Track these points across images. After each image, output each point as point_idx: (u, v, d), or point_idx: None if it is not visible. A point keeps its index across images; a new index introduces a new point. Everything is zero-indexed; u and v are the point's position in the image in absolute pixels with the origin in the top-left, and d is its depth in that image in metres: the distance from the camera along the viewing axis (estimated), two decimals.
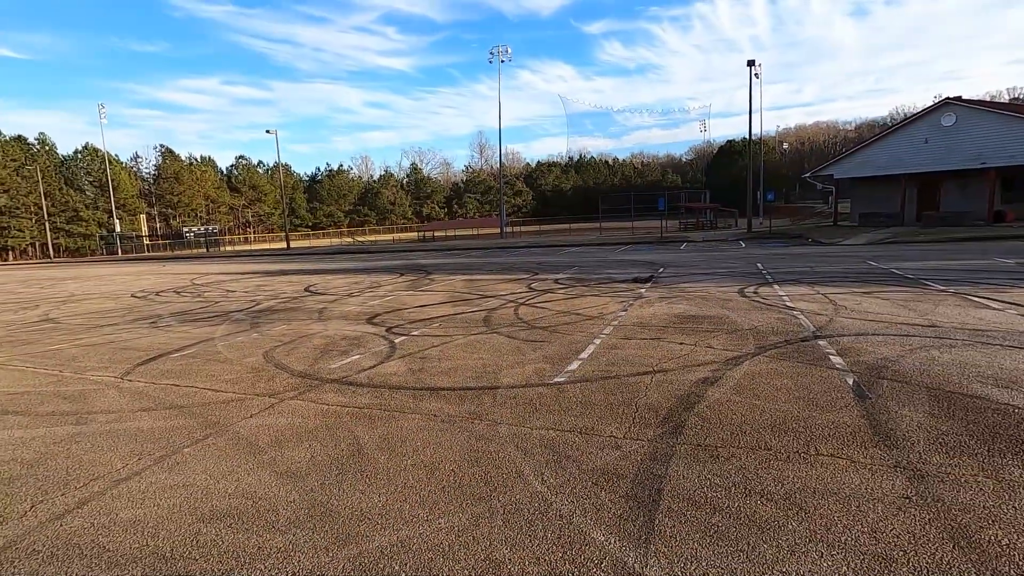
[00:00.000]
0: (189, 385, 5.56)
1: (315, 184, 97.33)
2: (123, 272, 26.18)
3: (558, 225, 60.55)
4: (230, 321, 9.46)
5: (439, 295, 11.61)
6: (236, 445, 3.96)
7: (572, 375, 5.24)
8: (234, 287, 15.71)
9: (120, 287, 17.55)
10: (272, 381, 5.57)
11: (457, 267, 18.87)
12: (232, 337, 7.99)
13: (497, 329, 7.60)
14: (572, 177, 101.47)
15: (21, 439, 4.28)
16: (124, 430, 4.37)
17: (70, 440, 4.21)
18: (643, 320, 7.70)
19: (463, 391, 4.92)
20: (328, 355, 6.58)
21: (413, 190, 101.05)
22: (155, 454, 3.86)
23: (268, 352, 6.88)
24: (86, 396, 5.38)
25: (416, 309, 9.85)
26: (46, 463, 3.80)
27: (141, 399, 5.17)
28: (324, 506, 3.03)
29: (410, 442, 3.85)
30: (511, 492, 3.07)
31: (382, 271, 18.86)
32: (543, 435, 3.84)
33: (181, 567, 2.54)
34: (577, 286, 11.93)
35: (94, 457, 3.86)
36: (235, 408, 4.78)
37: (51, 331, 9.43)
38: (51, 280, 22.86)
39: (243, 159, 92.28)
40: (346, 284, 14.89)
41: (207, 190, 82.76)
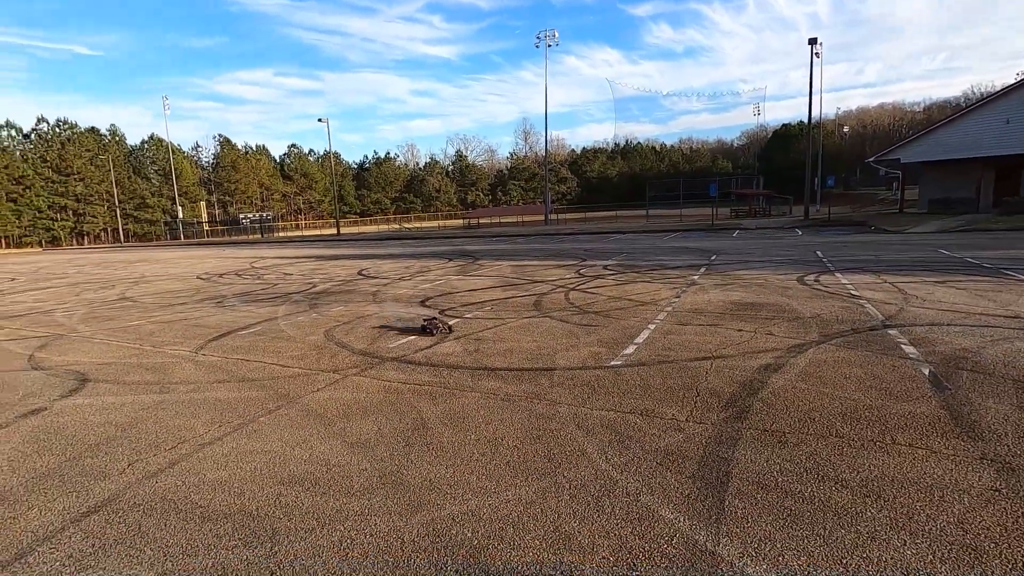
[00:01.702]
0: (258, 360, 5.84)
1: (363, 172, 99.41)
2: (187, 256, 27.58)
3: (604, 212, 59.76)
4: (290, 302, 9.85)
5: (488, 280, 11.72)
6: (307, 416, 4.15)
7: (628, 359, 5.21)
8: (291, 270, 16.31)
9: (186, 270, 18.51)
10: (335, 358, 5.79)
11: (504, 253, 18.96)
12: (293, 317, 8.32)
13: (549, 313, 7.62)
14: (618, 163, 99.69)
15: (113, 404, 4.62)
16: (203, 399, 4.65)
17: (156, 407, 4.51)
18: (698, 307, 7.55)
19: (520, 372, 4.98)
20: (384, 336, 6.77)
21: (458, 177, 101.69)
22: (233, 422, 4.10)
23: (328, 331, 7.13)
24: (166, 368, 5.74)
25: (466, 293, 9.98)
26: (137, 427, 4.09)
27: (216, 372, 5.48)
28: (395, 475, 3.15)
29: (472, 418, 3.94)
30: (575, 469, 3.11)
31: (430, 256, 19.16)
32: (603, 416, 3.85)
33: (268, 525, 2.71)
34: (627, 272, 11.79)
35: (179, 423, 4.13)
36: (303, 382, 5.00)
37: (128, 309, 10.06)
38: (123, 263, 24.34)
39: (295, 148, 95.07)
40: (396, 269, 15.21)
41: (261, 178, 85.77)
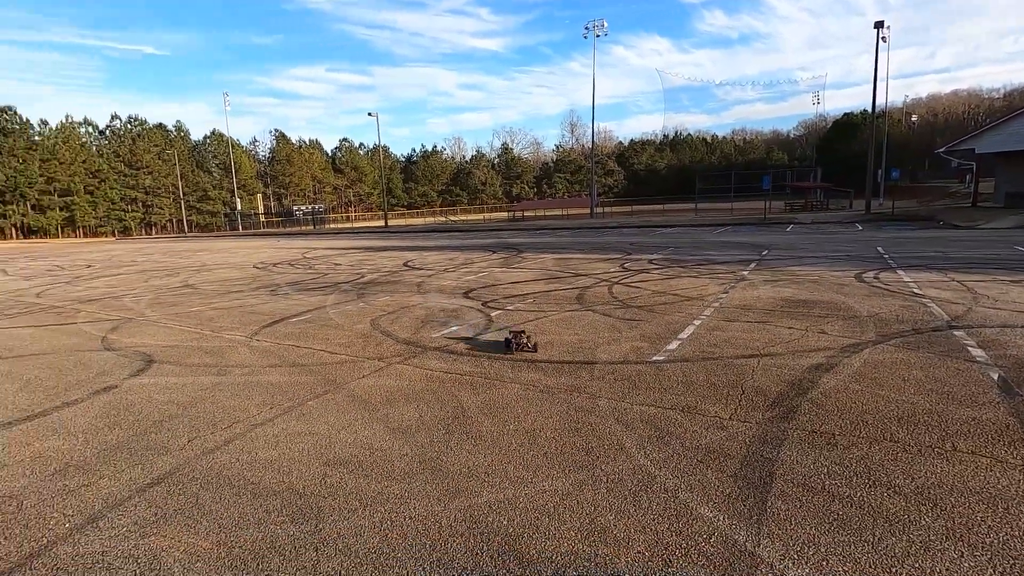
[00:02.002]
0: (308, 347, 6.07)
1: (411, 165, 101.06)
2: (244, 246, 28.84)
3: (651, 206, 58.64)
4: (339, 291, 10.16)
5: (531, 272, 11.73)
6: (352, 402, 4.29)
7: (671, 354, 5.12)
8: (340, 261, 16.82)
9: (243, 259, 19.37)
10: (380, 346, 5.95)
11: (547, 246, 18.92)
12: (342, 306, 8.59)
13: (591, 307, 7.57)
14: (667, 155, 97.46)
15: (175, 385, 4.91)
16: (256, 382, 4.88)
17: (214, 388, 4.77)
18: (747, 303, 7.32)
19: (560, 364, 4.98)
20: (429, 325, 6.89)
21: (503, 170, 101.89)
22: (283, 404, 4.28)
23: (374, 320, 7.33)
24: (223, 352, 6.04)
25: (509, 285, 10.02)
26: (196, 406, 4.33)
27: (268, 357, 5.73)
28: (434, 461, 3.22)
29: (511, 409, 3.97)
30: (613, 463, 3.09)
31: (474, 249, 19.32)
32: (643, 411, 3.81)
33: (313, 503, 2.82)
34: (673, 267, 11.55)
35: (234, 404, 4.35)
36: (349, 369, 5.16)
37: (190, 295, 10.64)
38: (187, 252, 25.69)
39: (346, 141, 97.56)
40: (441, 260, 15.43)
41: (314, 171, 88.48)
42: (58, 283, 13.80)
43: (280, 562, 2.36)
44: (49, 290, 12.42)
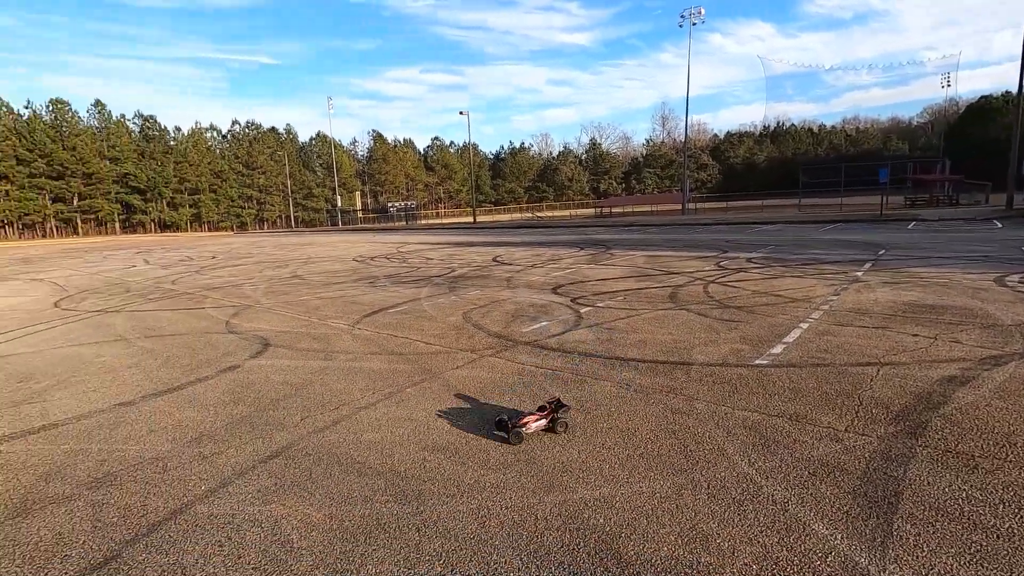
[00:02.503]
0: (405, 336, 6.35)
1: (498, 162, 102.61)
2: (344, 240, 30.70)
3: (748, 201, 55.47)
4: (432, 285, 10.54)
5: (620, 269, 11.50)
6: (448, 390, 4.43)
7: (776, 359, 4.82)
8: (432, 255, 17.43)
9: (343, 253, 20.63)
10: (472, 339, 6.09)
11: (637, 243, 18.46)
12: (435, 299, 8.90)
13: (686, 306, 7.29)
14: (767, 148, 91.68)
15: (289, 367, 5.33)
16: (359, 368, 5.17)
17: (322, 372, 5.12)
18: (862, 306, 6.72)
19: (654, 364, 4.84)
20: (519, 320, 6.97)
21: (591, 166, 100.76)
22: (384, 390, 4.51)
23: (466, 313, 7.52)
24: (328, 338, 6.47)
25: (598, 282, 9.89)
26: (307, 387, 4.67)
27: (369, 344, 6.06)
28: (528, 454, 3.25)
29: (604, 407, 3.92)
30: (714, 468, 2.96)
31: (561, 245, 19.27)
32: (746, 417, 3.61)
33: (414, 486, 2.95)
34: (775, 266, 10.85)
35: (340, 387, 4.65)
36: (443, 359, 5.34)
37: (299, 285, 11.49)
38: (294, 245, 27.78)
39: (438, 140, 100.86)
40: (528, 256, 15.54)
41: (407, 169, 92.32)
42: (189, 272, 15.44)
43: (385, 539, 2.49)
44: (182, 278, 13.93)
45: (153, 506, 2.87)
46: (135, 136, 73.81)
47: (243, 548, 2.47)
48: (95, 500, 2.95)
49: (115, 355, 6.12)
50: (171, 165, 72.42)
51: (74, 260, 22.97)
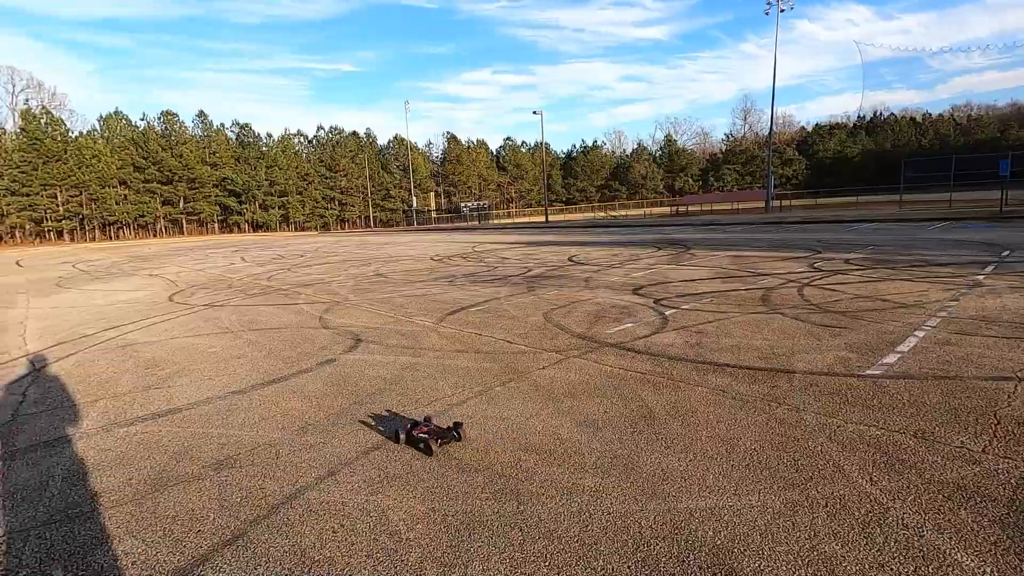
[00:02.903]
0: (489, 335, 6.42)
1: (570, 161, 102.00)
2: (420, 240, 31.65)
3: (839, 198, 51.85)
4: (509, 284, 10.62)
5: (704, 270, 11.08)
6: (536, 391, 4.43)
7: (890, 369, 4.44)
8: (507, 255, 17.59)
9: (421, 252, 21.26)
10: (556, 339, 6.07)
11: (719, 243, 17.72)
12: (514, 298, 8.96)
13: (779, 309, 6.89)
14: (861, 140, 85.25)
15: (381, 362, 5.54)
16: (447, 366, 5.29)
17: (412, 368, 5.28)
18: (987, 314, 6.07)
19: (751, 371, 4.61)
20: (601, 321, 6.87)
21: (665, 163, 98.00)
22: (474, 388, 4.58)
23: (547, 313, 7.51)
24: (415, 335, 6.67)
25: (681, 283, 9.57)
26: (400, 383, 4.84)
27: (455, 342, 6.19)
28: (625, 459, 3.18)
29: (701, 414, 3.77)
30: (831, 486, 2.76)
31: (638, 244, 18.85)
32: (863, 431, 3.35)
33: (512, 485, 2.97)
34: (878, 268, 10.04)
35: (431, 384, 4.77)
36: (529, 359, 5.35)
37: (382, 283, 11.95)
38: (374, 244, 28.97)
39: (510, 140, 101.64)
40: (605, 256, 15.32)
41: (480, 170, 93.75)
42: (281, 270, 16.48)
43: (488, 536, 2.52)
44: (276, 275, 14.89)
45: (270, 489, 3.06)
46: (232, 143, 79.84)
47: (355, 535, 2.58)
48: (219, 481, 3.19)
49: (224, 346, 6.62)
50: (263, 169, 77.71)
51: (182, 258, 25.15)
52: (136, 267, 20.69)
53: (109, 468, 3.44)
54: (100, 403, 4.71)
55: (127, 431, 4.04)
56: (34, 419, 4.41)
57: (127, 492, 3.13)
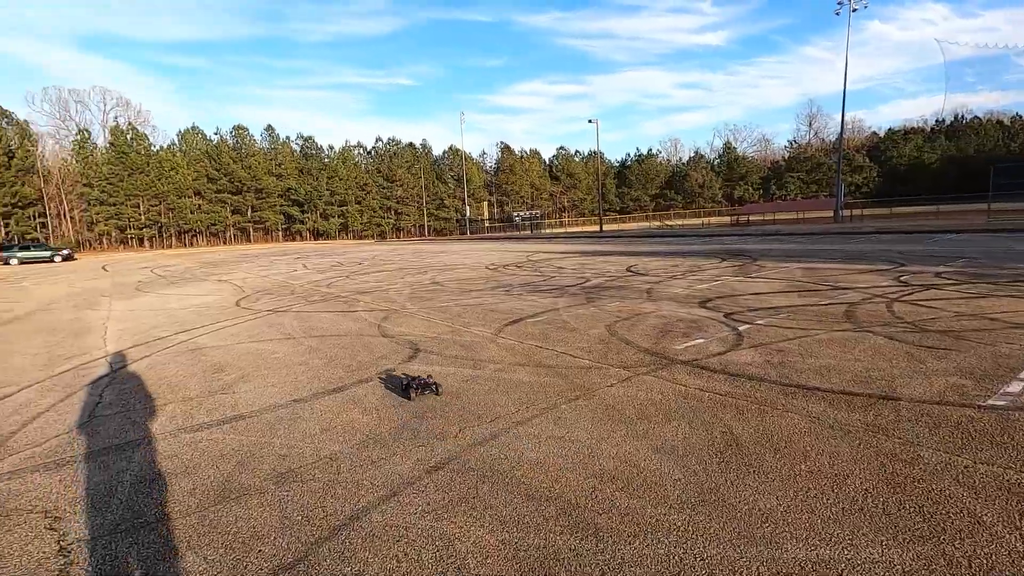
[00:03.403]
0: (550, 348, 6.17)
1: (624, 170, 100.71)
2: (474, 249, 31.82)
3: (916, 207, 48.52)
4: (568, 294, 10.34)
5: (775, 283, 10.42)
6: (605, 411, 4.14)
7: (1016, 400, 3.88)
8: (562, 264, 17.31)
9: (475, 260, 21.29)
10: (621, 354, 5.75)
11: (788, 253, 16.78)
12: (573, 309, 8.67)
13: (869, 327, 6.30)
14: (940, 146, 79.83)
15: (440, 373, 5.39)
16: (509, 379, 5.07)
17: (472, 381, 5.10)
18: None
19: (847, 396, 4.14)
20: (669, 335, 6.49)
21: (724, 171, 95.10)
22: (539, 405, 4.34)
23: (610, 326, 7.19)
24: (474, 346, 6.50)
25: (751, 296, 9.01)
26: (462, 396, 4.66)
27: (515, 354, 5.97)
28: (714, 493, 2.85)
29: (796, 444, 3.38)
30: (970, 540, 2.34)
31: (699, 255, 18.14)
32: (998, 474, 2.88)
33: (589, 518, 2.70)
34: (976, 283, 9.12)
35: (493, 398, 4.56)
36: (595, 375, 5.06)
37: (438, 292, 11.93)
38: (429, 253, 29.34)
39: (563, 150, 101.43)
40: (664, 266, 14.77)
41: (532, 179, 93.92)
42: (340, 277, 16.84)
43: None
44: (335, 282, 15.20)
45: (332, 508, 2.92)
46: (296, 155, 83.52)
47: (421, 567, 2.39)
48: (281, 496, 3.09)
49: (287, 352, 6.67)
50: (324, 180, 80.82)
51: (248, 264, 26.28)
52: (207, 273, 21.74)
53: (175, 476, 3.41)
54: (169, 407, 4.78)
55: (193, 437, 4.04)
56: (108, 421, 4.50)
57: (191, 503, 3.07)
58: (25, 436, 4.26)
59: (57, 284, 20.22)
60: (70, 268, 32.94)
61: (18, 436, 4.27)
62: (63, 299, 14.65)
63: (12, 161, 63.05)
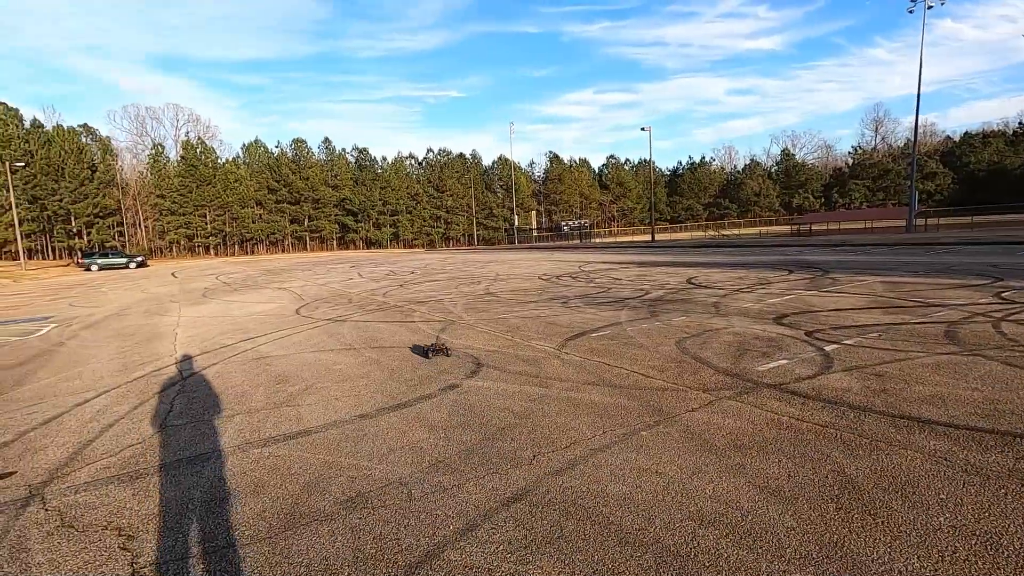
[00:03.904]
0: (619, 366, 5.84)
1: (675, 178, 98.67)
2: (524, 258, 31.64)
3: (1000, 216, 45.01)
4: (628, 307, 9.95)
5: (855, 298, 9.68)
6: (691, 440, 3.79)
7: None
8: (618, 275, 16.85)
9: (527, 270, 21.08)
10: (697, 375, 5.36)
11: (862, 266, 15.73)
12: (637, 323, 8.29)
13: (979, 350, 5.65)
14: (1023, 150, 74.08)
15: (506, 392, 5.16)
16: (579, 400, 4.79)
17: (540, 400, 4.84)
18: None
19: (973, 432, 3.63)
20: (747, 355, 6.03)
21: (782, 179, 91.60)
22: (616, 430, 4.03)
23: (679, 343, 6.78)
24: (537, 362, 6.25)
25: (832, 313, 8.36)
26: (531, 417, 4.40)
27: (582, 372, 5.67)
28: (839, 548, 2.47)
29: (925, 490, 2.94)
30: None
31: (763, 267, 17.27)
32: None
33: (694, 570, 2.38)
34: None
35: (565, 421, 4.29)
36: (672, 397, 4.71)
37: (494, 303, 11.76)
38: (480, 262, 29.36)
39: (613, 158, 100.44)
40: (728, 279, 14.10)
41: (582, 188, 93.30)
42: (395, 286, 16.98)
43: None
44: (390, 291, 15.32)
45: (406, 542, 2.72)
46: (351, 166, 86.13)
47: None
48: (352, 524, 2.92)
49: (348, 364, 6.62)
50: (377, 190, 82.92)
51: (305, 272, 27.05)
52: (267, 280, 22.48)
53: (244, 495, 3.31)
54: (236, 419, 4.75)
55: (260, 453, 3.96)
56: (179, 431, 4.51)
57: (261, 527, 2.94)
58: (102, 444, 4.30)
59: (131, 290, 21.39)
60: (143, 274, 34.96)
61: (96, 444, 4.32)
62: (136, 304, 15.39)
63: (95, 175, 67.90)
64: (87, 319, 12.59)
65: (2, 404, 5.67)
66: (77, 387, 6.22)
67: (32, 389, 6.25)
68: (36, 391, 6.14)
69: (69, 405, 5.48)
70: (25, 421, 5.03)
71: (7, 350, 8.96)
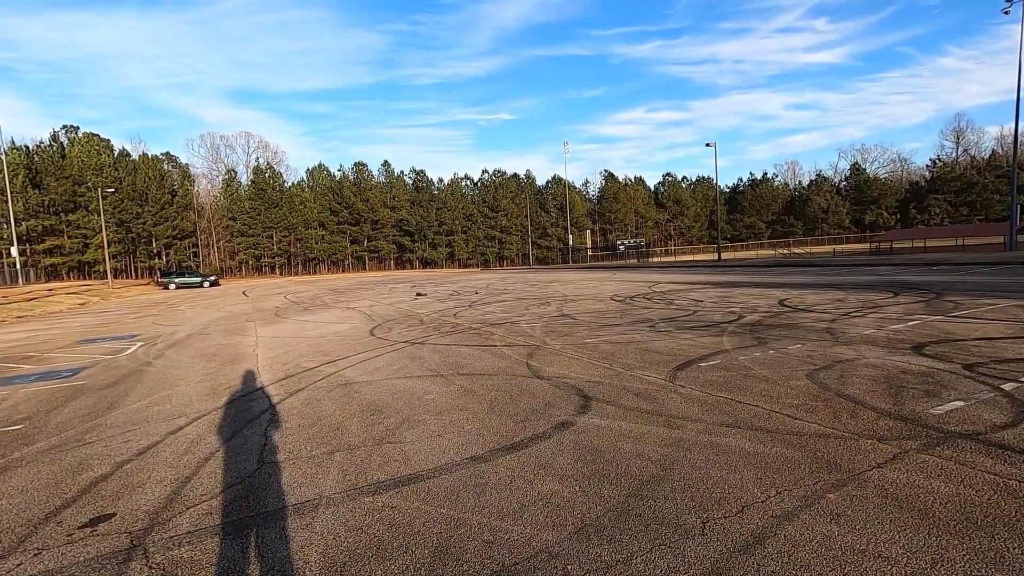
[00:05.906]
0: (752, 404, 5.09)
1: (736, 195, 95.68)
2: (585, 278, 30.86)
3: None
4: (727, 333, 9.09)
5: (997, 325, 8.45)
6: (900, 509, 3.03)
7: None
8: (695, 296, 15.88)
9: (594, 291, 20.34)
10: (857, 418, 4.54)
11: (978, 287, 14.13)
12: (746, 351, 7.46)
13: None
14: None
15: (630, 432, 4.51)
16: (725, 447, 4.08)
17: (677, 446, 4.16)
18: None
19: None
20: (904, 393, 5.14)
21: (852, 195, 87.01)
22: (792, 491, 3.31)
23: (811, 375, 5.94)
24: (652, 396, 5.57)
25: (981, 342, 7.25)
26: (673, 468, 3.74)
27: (711, 411, 4.96)
28: None
29: None
30: None
31: (857, 288, 15.87)
32: None
33: None
34: None
35: (719, 474, 3.60)
36: (840, 447, 3.93)
37: (573, 325, 11.13)
38: (541, 282, 28.81)
39: (669, 176, 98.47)
40: (824, 300, 12.91)
41: (637, 207, 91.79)
42: (462, 306, 16.65)
43: None
44: (460, 312, 14.97)
45: None
46: (408, 188, 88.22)
47: None
48: None
49: (440, 393, 6.15)
50: (433, 211, 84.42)
51: (369, 292, 27.31)
52: (334, 300, 22.74)
53: (368, 561, 2.82)
54: (337, 456, 4.33)
55: (373, 502, 3.48)
56: (278, 470, 4.12)
57: None
58: (200, 483, 3.96)
59: (207, 308, 22.10)
60: (216, 293, 36.47)
61: (194, 482, 3.98)
62: (214, 323, 15.72)
63: (175, 199, 72.44)
64: (170, 338, 12.84)
65: (99, 430, 5.51)
66: (168, 412, 6.03)
67: (125, 413, 6.11)
68: (129, 416, 6.00)
69: (162, 433, 5.24)
70: (120, 451, 4.80)
71: (100, 368, 9.08)
